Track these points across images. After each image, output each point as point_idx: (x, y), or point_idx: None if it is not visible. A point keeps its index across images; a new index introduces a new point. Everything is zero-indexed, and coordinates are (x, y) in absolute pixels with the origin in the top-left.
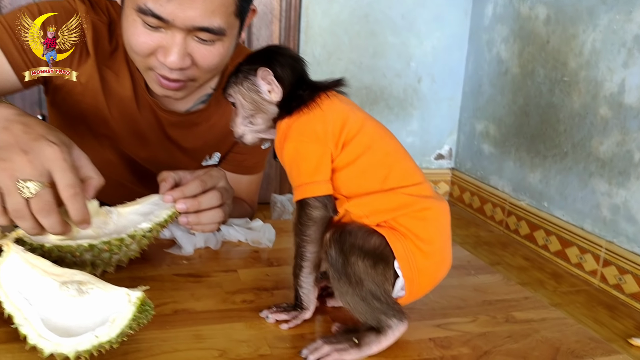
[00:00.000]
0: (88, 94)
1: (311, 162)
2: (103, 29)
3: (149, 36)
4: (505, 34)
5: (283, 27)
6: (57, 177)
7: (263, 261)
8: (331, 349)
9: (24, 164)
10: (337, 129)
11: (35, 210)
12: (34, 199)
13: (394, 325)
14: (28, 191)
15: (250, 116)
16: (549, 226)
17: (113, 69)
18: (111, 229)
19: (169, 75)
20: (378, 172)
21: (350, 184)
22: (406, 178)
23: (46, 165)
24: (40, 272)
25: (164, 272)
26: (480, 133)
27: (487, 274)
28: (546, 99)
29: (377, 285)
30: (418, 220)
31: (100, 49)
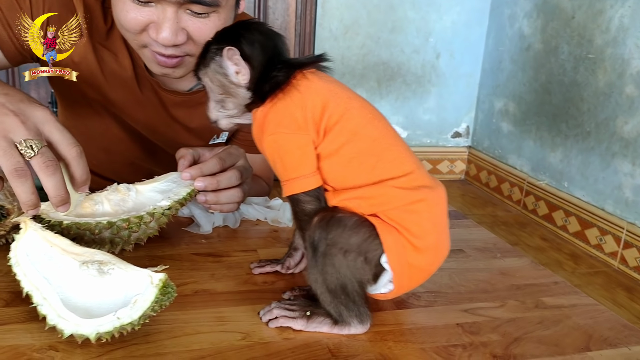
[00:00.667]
0: (83, 75)
1: (295, 155)
2: (96, 8)
3: (139, 11)
4: (528, 8)
5: (300, 2)
6: (56, 137)
7: (282, 241)
8: (281, 313)
9: (17, 125)
10: (317, 115)
11: (39, 168)
12: (37, 157)
13: (352, 325)
14: (31, 150)
15: (220, 100)
16: (568, 206)
17: (111, 49)
18: (130, 206)
19: (163, 52)
20: (365, 162)
21: (335, 175)
22: (396, 167)
23: (39, 126)
24: (60, 251)
25: (183, 251)
26: (499, 111)
27: (514, 257)
28: (570, 77)
29: (352, 280)
30: (410, 213)
31: (95, 28)
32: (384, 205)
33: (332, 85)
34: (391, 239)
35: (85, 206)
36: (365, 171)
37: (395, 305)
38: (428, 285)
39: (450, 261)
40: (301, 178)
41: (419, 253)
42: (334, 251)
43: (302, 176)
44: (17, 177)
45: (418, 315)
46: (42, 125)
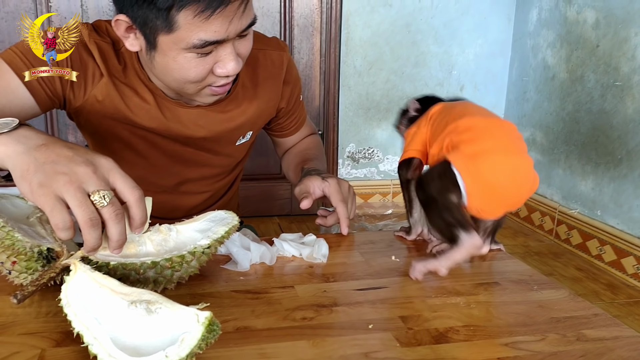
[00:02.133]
0: (108, 111)
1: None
2: (108, 49)
3: (204, 62)
4: (551, 39)
5: (324, 40)
6: (120, 183)
7: (318, 277)
8: (420, 264)
9: (89, 175)
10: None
11: (109, 217)
12: (108, 207)
13: (462, 237)
14: (104, 201)
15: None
16: (603, 235)
17: (129, 85)
18: (171, 246)
19: (227, 81)
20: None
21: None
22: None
23: (106, 175)
24: (109, 291)
25: (222, 288)
26: (527, 141)
27: (552, 289)
28: (598, 105)
29: (445, 198)
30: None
31: (112, 66)
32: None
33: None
34: (458, 156)
35: (129, 247)
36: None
37: (435, 339)
38: (466, 319)
39: (486, 294)
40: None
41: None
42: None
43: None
44: (90, 227)
45: (458, 350)
46: (107, 173)
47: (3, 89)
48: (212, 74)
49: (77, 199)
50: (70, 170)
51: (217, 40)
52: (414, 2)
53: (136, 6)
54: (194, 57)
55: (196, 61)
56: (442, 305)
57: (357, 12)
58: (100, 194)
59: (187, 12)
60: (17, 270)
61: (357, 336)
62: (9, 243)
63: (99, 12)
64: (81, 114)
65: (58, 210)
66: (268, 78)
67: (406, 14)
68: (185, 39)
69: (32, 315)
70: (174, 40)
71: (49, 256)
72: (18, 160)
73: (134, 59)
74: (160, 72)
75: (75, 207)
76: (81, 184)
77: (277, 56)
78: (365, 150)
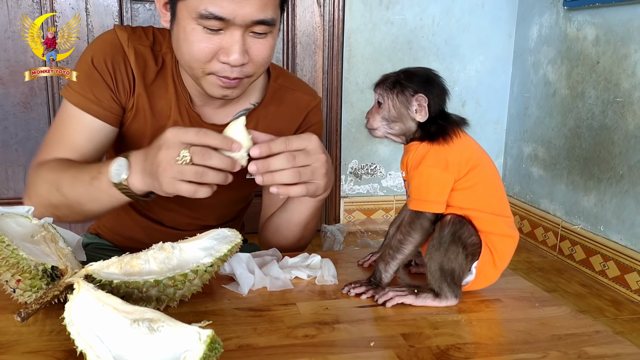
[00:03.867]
0: (139, 114)
1: (438, 186)
2: (146, 52)
3: (209, 41)
4: (551, 55)
5: (326, 57)
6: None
7: (320, 294)
8: (395, 293)
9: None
10: (464, 161)
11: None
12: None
13: (449, 298)
14: (185, 156)
15: (389, 120)
16: (606, 251)
17: (160, 86)
18: (174, 264)
19: (229, 75)
20: (488, 200)
21: (465, 200)
22: (505, 210)
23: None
24: (111, 310)
25: (225, 306)
26: (529, 156)
27: (553, 305)
28: (599, 121)
29: (459, 267)
30: (502, 242)
31: (147, 70)
32: (490, 228)
33: (473, 142)
34: (485, 255)
35: (133, 265)
36: (484, 201)
37: (436, 357)
38: (467, 337)
39: (488, 311)
40: (434, 202)
41: (494, 269)
42: (458, 243)
43: (436, 202)
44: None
45: None
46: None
47: (84, 130)
48: (216, 60)
49: (175, 171)
50: (157, 163)
51: (223, 17)
52: (415, 20)
53: None
54: (201, 31)
55: (202, 36)
56: (443, 322)
57: (358, 29)
58: (181, 155)
59: None
60: (22, 288)
61: (359, 354)
62: (14, 261)
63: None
64: (127, 119)
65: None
66: (286, 118)
67: (407, 32)
68: (194, 7)
69: (36, 334)
70: (187, 7)
71: (53, 274)
72: (145, 182)
73: (173, 59)
74: (175, 47)
75: (181, 176)
76: (167, 162)
77: (303, 100)
78: (368, 167)
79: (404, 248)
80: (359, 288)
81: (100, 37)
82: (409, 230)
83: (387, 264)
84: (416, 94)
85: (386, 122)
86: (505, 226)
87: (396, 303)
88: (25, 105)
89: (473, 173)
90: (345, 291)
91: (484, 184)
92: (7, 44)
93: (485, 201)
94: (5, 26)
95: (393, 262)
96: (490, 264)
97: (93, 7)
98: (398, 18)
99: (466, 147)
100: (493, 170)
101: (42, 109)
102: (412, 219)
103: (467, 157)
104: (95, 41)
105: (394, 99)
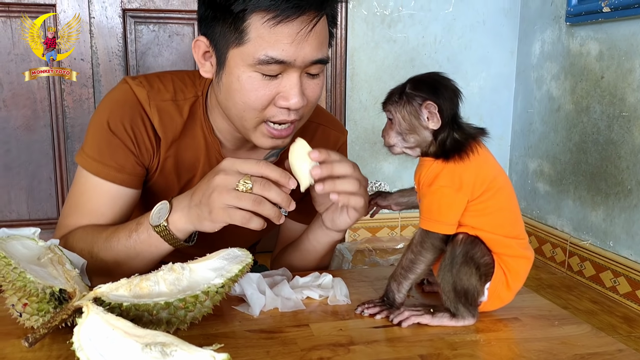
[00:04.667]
0: (166, 171)
1: (451, 207)
2: (169, 107)
3: (267, 87)
4: (555, 71)
5: (330, 75)
6: (247, 168)
7: (333, 314)
8: (411, 313)
9: (223, 178)
10: (480, 181)
11: (261, 190)
12: (254, 186)
13: (466, 318)
14: (248, 183)
15: (403, 134)
16: (616, 267)
17: (188, 137)
18: (184, 285)
19: (286, 118)
20: (502, 221)
21: (478, 221)
22: (519, 230)
23: (233, 170)
24: (122, 334)
25: (236, 328)
26: (534, 172)
27: (573, 324)
28: (605, 136)
29: (473, 287)
30: (516, 263)
31: (172, 128)
32: (504, 250)
33: (490, 158)
34: (498, 276)
35: (142, 287)
36: (499, 226)
37: None
38: (487, 358)
39: (507, 330)
40: (445, 224)
41: (508, 290)
42: (471, 263)
43: (447, 223)
44: (259, 205)
45: None
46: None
47: (108, 198)
48: (273, 105)
49: (232, 197)
50: (211, 188)
51: (284, 60)
52: (418, 38)
53: (214, 20)
54: (259, 79)
55: (259, 83)
56: (461, 342)
57: (361, 47)
58: (241, 182)
59: (257, 16)
60: (28, 312)
61: None
62: (21, 284)
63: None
64: (152, 177)
65: (235, 213)
66: None
67: (410, 49)
68: (252, 53)
69: None
70: (242, 54)
71: (61, 297)
72: (190, 217)
73: (201, 108)
74: (224, 97)
75: (237, 203)
76: (224, 187)
77: (333, 136)
78: (373, 184)
79: (415, 267)
80: (373, 308)
81: (113, 95)
82: (420, 250)
83: (400, 284)
84: (425, 102)
85: (400, 136)
86: (519, 247)
87: (412, 323)
88: (28, 128)
89: (488, 194)
90: (359, 311)
91: (498, 205)
92: (10, 67)
93: (498, 224)
94: (9, 49)
95: (405, 282)
96: (503, 284)
97: (97, 29)
98: (400, 36)
99: (482, 165)
100: (509, 189)
101: (45, 131)
102: (423, 238)
103: (482, 177)
104: (108, 101)
105: (402, 112)
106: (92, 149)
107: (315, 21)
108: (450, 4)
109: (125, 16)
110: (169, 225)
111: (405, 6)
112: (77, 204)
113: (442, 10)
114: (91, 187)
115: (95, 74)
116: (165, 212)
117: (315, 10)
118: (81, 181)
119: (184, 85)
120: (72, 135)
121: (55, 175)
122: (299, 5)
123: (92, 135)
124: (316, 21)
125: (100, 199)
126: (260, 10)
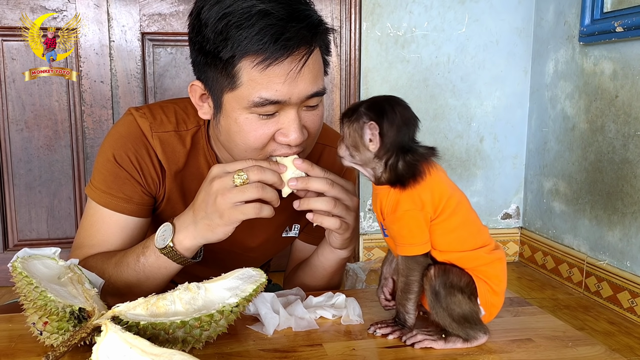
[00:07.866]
0: (172, 202)
1: (420, 227)
2: (171, 138)
3: (265, 126)
4: (569, 90)
5: (344, 95)
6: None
7: (346, 334)
8: (424, 337)
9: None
10: (437, 199)
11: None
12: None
13: (479, 337)
14: (242, 175)
15: (351, 149)
16: (634, 287)
17: (192, 166)
18: (200, 304)
19: (289, 152)
20: (465, 235)
21: (443, 241)
22: (482, 239)
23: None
24: (139, 352)
25: (250, 347)
26: (549, 191)
27: (587, 345)
28: (620, 155)
29: (469, 309)
30: (492, 269)
31: (176, 158)
32: (476, 262)
33: (443, 175)
34: (481, 287)
35: (159, 306)
36: (465, 241)
37: None
38: None
39: (520, 352)
40: (420, 245)
41: (495, 295)
42: (454, 291)
43: (421, 244)
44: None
45: None
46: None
47: (118, 229)
48: (273, 141)
49: (236, 193)
50: (212, 195)
51: (279, 100)
52: (431, 58)
53: (206, 66)
54: (256, 119)
55: (257, 123)
56: None
57: (375, 68)
58: (236, 177)
59: (247, 61)
60: (49, 330)
61: None
62: (42, 303)
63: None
64: (159, 206)
65: (245, 208)
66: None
67: (423, 69)
68: (247, 97)
69: None
70: (237, 98)
71: (81, 316)
72: (199, 231)
73: (203, 138)
74: (224, 138)
75: (243, 196)
76: (224, 189)
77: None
78: None
79: (411, 287)
80: (385, 329)
81: (118, 128)
82: (407, 272)
83: (404, 306)
84: (369, 122)
85: (348, 151)
86: (488, 254)
87: (424, 346)
88: (49, 148)
89: (448, 211)
90: (372, 331)
91: (461, 220)
92: (32, 89)
93: (463, 239)
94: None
95: (409, 303)
96: (489, 293)
97: (117, 52)
98: (414, 56)
99: (435, 186)
100: (465, 203)
101: (65, 151)
102: (406, 262)
103: (438, 195)
104: (113, 134)
105: (350, 128)
106: (100, 181)
107: (306, 58)
108: (464, 24)
109: (144, 39)
110: (175, 246)
111: (418, 27)
112: (87, 235)
113: (455, 30)
114: (100, 218)
115: (115, 95)
116: (170, 233)
117: (305, 46)
118: (90, 212)
119: (186, 115)
120: (92, 156)
121: (74, 195)
122: (287, 46)
123: (99, 168)
124: (307, 58)
125: (110, 229)
126: (249, 55)
